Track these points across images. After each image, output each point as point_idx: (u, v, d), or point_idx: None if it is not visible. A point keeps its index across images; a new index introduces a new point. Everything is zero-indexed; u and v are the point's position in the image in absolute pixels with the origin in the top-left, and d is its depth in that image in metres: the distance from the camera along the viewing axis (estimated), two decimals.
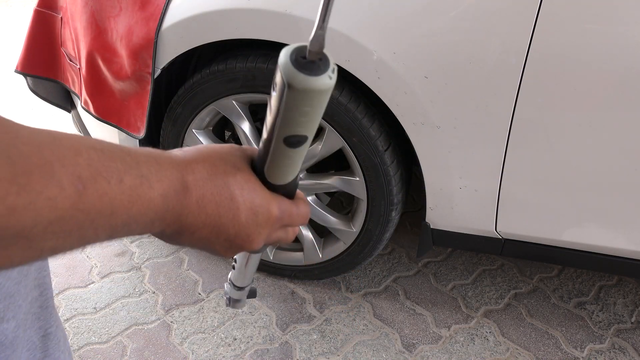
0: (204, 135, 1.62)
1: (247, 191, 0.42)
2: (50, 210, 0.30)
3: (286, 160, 0.42)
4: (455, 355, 1.55)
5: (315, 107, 0.36)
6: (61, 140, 0.32)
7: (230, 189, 0.41)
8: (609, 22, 1.10)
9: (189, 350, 1.56)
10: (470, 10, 1.17)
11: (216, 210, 0.40)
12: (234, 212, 0.41)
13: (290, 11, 1.27)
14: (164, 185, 0.37)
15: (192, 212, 0.39)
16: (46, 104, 1.90)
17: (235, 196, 0.41)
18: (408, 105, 1.29)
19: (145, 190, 0.35)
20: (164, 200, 0.37)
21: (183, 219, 0.39)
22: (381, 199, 1.48)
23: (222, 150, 0.43)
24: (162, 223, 0.38)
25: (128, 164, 0.35)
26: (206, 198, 0.39)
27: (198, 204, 0.39)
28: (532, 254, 1.47)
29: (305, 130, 0.39)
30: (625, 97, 1.15)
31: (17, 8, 4.84)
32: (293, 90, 0.35)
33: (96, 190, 0.32)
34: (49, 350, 0.55)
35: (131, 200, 0.34)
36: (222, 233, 0.41)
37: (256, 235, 0.43)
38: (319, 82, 0.34)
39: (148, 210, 0.36)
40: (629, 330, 1.64)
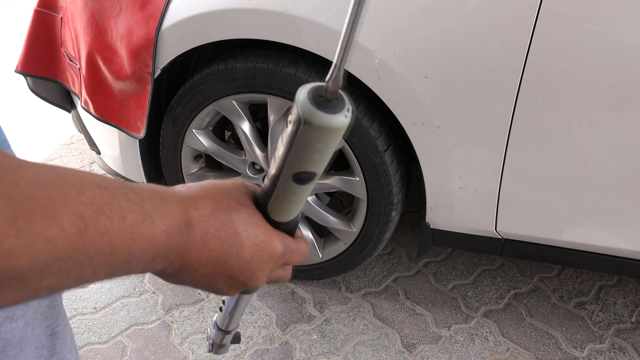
0: (204, 135, 1.62)
1: (251, 227, 0.41)
2: (48, 251, 0.29)
3: (292, 197, 0.42)
4: (455, 355, 1.55)
5: (328, 144, 0.37)
6: (66, 178, 0.32)
7: (234, 225, 0.40)
8: (609, 22, 1.10)
9: (189, 350, 1.56)
10: (470, 11, 1.17)
11: (220, 246, 0.40)
12: (238, 248, 0.41)
13: (290, 11, 1.27)
14: (168, 222, 0.36)
15: (195, 248, 0.38)
16: (46, 104, 1.90)
17: (239, 232, 0.41)
18: (408, 105, 1.29)
19: (147, 227, 0.35)
20: (167, 237, 0.36)
21: (186, 256, 0.38)
22: (381, 199, 1.48)
23: (225, 186, 0.43)
24: (165, 260, 0.37)
25: (131, 201, 0.34)
26: (210, 234, 0.39)
27: (202, 240, 0.38)
28: (532, 254, 1.47)
29: (316, 168, 0.39)
30: (625, 97, 1.15)
31: (17, 8, 4.84)
32: (309, 127, 0.35)
33: (97, 229, 0.32)
34: (56, 349, 0.55)
35: (133, 238, 0.34)
36: (225, 270, 0.41)
37: (260, 271, 0.43)
38: (335, 121, 0.35)
39: (150, 247, 0.35)
40: (629, 330, 1.64)
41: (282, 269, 0.47)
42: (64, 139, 2.71)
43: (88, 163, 2.49)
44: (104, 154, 1.84)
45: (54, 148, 2.63)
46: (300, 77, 1.37)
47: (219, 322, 0.62)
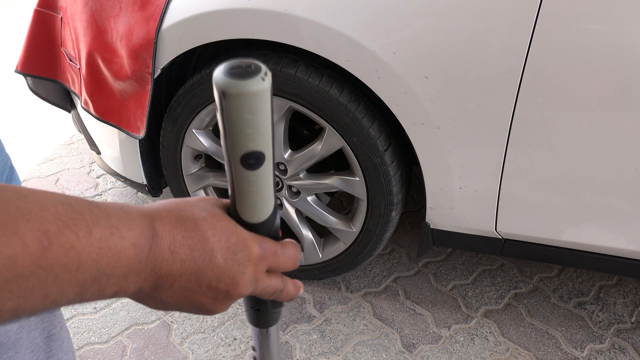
0: (204, 135, 1.62)
1: (220, 230, 0.40)
2: (8, 269, 0.29)
3: (251, 188, 0.40)
4: (455, 355, 1.55)
5: (256, 114, 0.36)
6: (27, 196, 0.31)
7: (202, 231, 0.39)
8: (609, 22, 1.10)
9: (189, 350, 1.56)
10: (470, 10, 1.17)
11: (190, 254, 0.38)
12: (210, 254, 0.39)
13: (290, 11, 1.27)
14: (135, 234, 0.35)
15: (165, 260, 0.37)
16: (46, 104, 1.90)
17: (207, 237, 0.39)
18: (408, 105, 1.29)
19: (115, 241, 0.34)
20: (136, 251, 0.35)
21: (157, 269, 0.37)
22: (381, 199, 1.48)
23: (191, 199, 0.42)
24: (138, 278, 0.36)
25: (97, 216, 0.34)
26: (177, 242, 0.38)
27: (170, 250, 0.37)
28: (532, 254, 1.47)
29: (257, 145, 0.38)
30: (625, 97, 1.15)
31: (17, 8, 4.84)
32: (229, 99, 0.35)
33: (62, 245, 0.31)
34: (52, 351, 0.55)
35: (100, 253, 0.33)
36: (202, 280, 0.39)
37: (240, 276, 0.40)
38: (251, 85, 0.35)
39: (119, 262, 0.34)
40: (629, 330, 1.64)
41: (271, 277, 0.44)
42: (64, 139, 2.71)
43: (88, 163, 2.49)
44: (104, 154, 1.84)
45: (54, 148, 2.63)
46: (300, 77, 1.37)
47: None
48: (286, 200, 1.64)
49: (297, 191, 1.63)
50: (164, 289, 0.38)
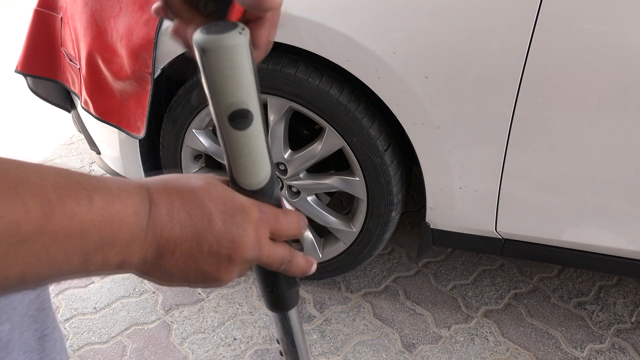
0: (204, 135, 1.62)
1: (217, 196, 0.40)
2: (11, 234, 0.29)
3: (243, 149, 0.40)
4: (455, 355, 1.55)
5: (236, 68, 0.37)
6: (25, 167, 0.31)
7: (198, 197, 0.39)
8: (609, 22, 1.10)
9: (189, 350, 1.56)
10: (470, 10, 1.17)
11: (189, 219, 0.38)
12: (208, 217, 0.39)
13: (290, 11, 1.27)
14: (135, 202, 0.36)
15: (165, 226, 0.37)
16: (46, 104, 1.90)
17: (205, 203, 0.39)
18: (408, 105, 1.29)
19: (117, 208, 0.35)
20: (137, 218, 0.36)
21: (158, 236, 0.37)
22: (381, 199, 1.48)
23: (186, 174, 0.42)
24: (141, 247, 0.37)
25: (96, 185, 0.34)
26: (175, 209, 0.38)
27: (169, 217, 0.38)
28: (532, 254, 1.47)
29: (242, 102, 0.38)
30: (625, 97, 1.15)
31: (17, 8, 4.84)
32: (208, 54, 0.36)
33: (64, 212, 0.31)
34: (45, 352, 0.55)
35: (103, 220, 0.34)
36: (203, 244, 0.39)
37: (241, 238, 0.40)
38: (228, 38, 0.36)
39: (122, 229, 0.35)
40: (629, 330, 1.64)
41: (276, 244, 0.44)
42: (64, 139, 2.71)
43: (88, 163, 2.49)
44: (104, 154, 1.84)
45: (54, 148, 2.63)
46: (300, 77, 1.37)
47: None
48: (286, 200, 1.64)
49: (297, 191, 1.63)
50: (166, 257, 0.38)
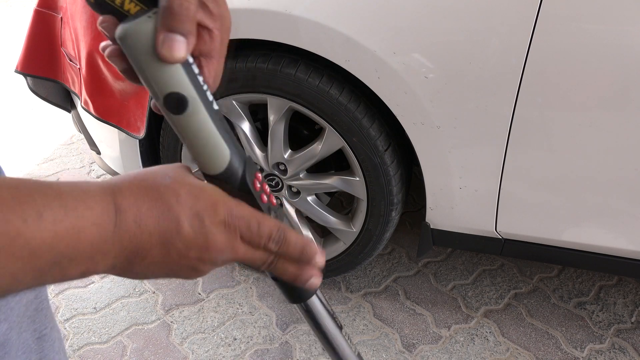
0: None
1: (185, 196, 0.38)
2: None
3: (187, 133, 0.40)
4: (455, 355, 1.55)
5: (151, 53, 0.37)
6: None
7: (165, 199, 0.37)
8: (609, 22, 1.10)
9: (189, 350, 1.56)
10: (470, 10, 1.17)
11: (157, 225, 0.36)
12: (176, 222, 0.37)
13: (290, 11, 1.27)
14: (96, 213, 0.33)
15: (133, 234, 0.35)
16: (46, 104, 1.90)
17: (172, 205, 0.37)
18: (408, 105, 1.29)
19: (72, 222, 0.32)
20: (99, 230, 0.33)
21: (126, 244, 0.35)
22: (381, 199, 1.48)
23: (154, 168, 0.40)
24: (106, 257, 0.34)
25: (48, 197, 0.32)
26: (143, 215, 0.36)
27: (136, 224, 0.35)
28: (532, 254, 1.47)
29: (170, 86, 0.38)
30: (625, 97, 1.15)
31: (17, 8, 4.83)
32: (125, 42, 0.37)
33: (7, 233, 0.29)
34: (44, 352, 0.55)
35: (56, 236, 0.31)
36: (172, 250, 0.37)
37: (210, 243, 0.38)
38: (137, 24, 0.37)
39: (80, 243, 0.33)
40: (629, 330, 1.64)
41: (255, 249, 0.41)
42: (64, 139, 2.71)
43: (88, 163, 2.49)
44: (104, 154, 1.84)
45: (54, 148, 2.63)
46: (300, 77, 1.37)
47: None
48: (286, 200, 1.64)
49: (297, 191, 1.63)
50: (136, 263, 0.37)
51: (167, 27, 0.36)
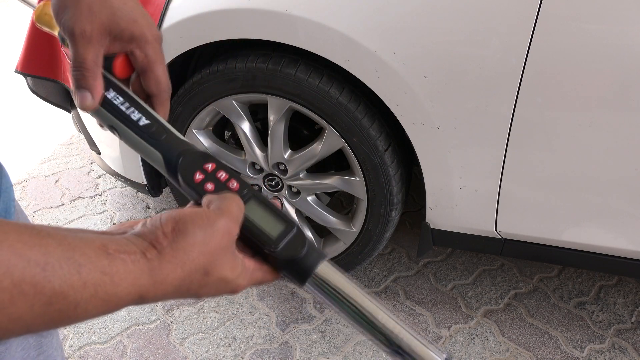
0: (204, 135, 1.62)
1: (214, 283, 0.41)
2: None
3: (130, 146, 0.52)
4: (455, 355, 1.56)
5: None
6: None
7: (194, 290, 0.40)
8: (609, 22, 1.10)
9: (189, 350, 1.56)
10: (470, 10, 1.17)
11: (176, 294, 0.39)
12: (196, 295, 0.41)
13: (290, 11, 1.27)
14: (107, 308, 0.35)
15: (150, 299, 0.38)
16: (46, 104, 1.90)
17: (200, 293, 0.40)
18: (408, 105, 1.29)
19: (79, 313, 0.33)
20: (100, 315, 0.36)
21: (139, 301, 0.38)
22: (381, 199, 1.48)
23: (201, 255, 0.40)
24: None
25: (69, 285, 0.32)
26: (168, 294, 0.38)
27: (156, 298, 0.38)
28: (532, 254, 1.47)
29: (104, 121, 0.52)
30: (625, 97, 1.15)
31: (17, 8, 4.83)
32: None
33: (9, 315, 0.30)
34: (42, 348, 0.55)
35: (55, 320, 0.32)
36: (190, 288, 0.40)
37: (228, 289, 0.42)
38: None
39: (76, 322, 0.35)
40: (629, 330, 1.64)
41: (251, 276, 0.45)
42: (64, 139, 2.71)
43: (88, 163, 2.49)
44: (104, 154, 1.84)
45: (54, 148, 2.63)
46: (300, 77, 1.37)
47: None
48: (286, 200, 1.64)
49: (297, 191, 1.63)
50: (149, 299, 0.38)
51: (76, 85, 0.48)
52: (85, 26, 0.47)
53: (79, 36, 0.47)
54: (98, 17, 0.48)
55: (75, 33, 0.47)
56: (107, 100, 0.51)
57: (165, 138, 0.50)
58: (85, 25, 0.47)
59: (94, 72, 0.48)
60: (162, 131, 0.51)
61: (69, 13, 0.47)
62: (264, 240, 0.45)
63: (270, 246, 0.45)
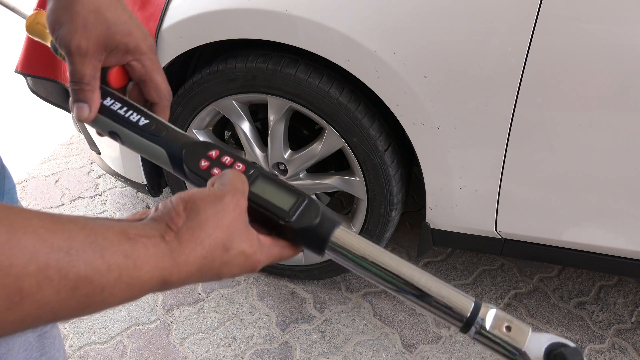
0: (204, 135, 1.62)
1: (237, 265, 0.41)
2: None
3: (134, 149, 0.53)
4: (455, 355, 1.55)
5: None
6: (19, 239, 0.30)
7: (215, 269, 0.40)
8: (609, 22, 1.10)
9: (189, 350, 1.56)
10: (470, 10, 1.17)
11: (199, 277, 0.40)
12: (218, 276, 0.41)
13: (290, 11, 1.27)
14: (133, 293, 0.35)
15: (173, 282, 0.38)
16: (46, 104, 1.90)
17: (221, 273, 0.41)
18: (408, 105, 1.29)
19: (105, 298, 0.34)
20: (129, 300, 0.36)
21: (164, 286, 0.38)
22: (381, 199, 1.48)
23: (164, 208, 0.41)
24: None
25: (94, 269, 0.32)
26: (191, 277, 0.39)
27: (179, 279, 0.38)
28: (532, 254, 1.47)
29: (104, 128, 0.54)
30: (625, 97, 1.15)
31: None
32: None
33: (37, 301, 0.30)
34: (45, 349, 0.55)
35: (81, 306, 0.33)
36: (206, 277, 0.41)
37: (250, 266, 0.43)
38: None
39: (106, 308, 0.35)
40: (629, 330, 1.64)
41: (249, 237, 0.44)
42: (64, 139, 2.71)
43: (88, 163, 2.49)
44: (104, 154, 1.84)
45: (54, 148, 2.63)
46: (300, 77, 1.37)
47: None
48: None
49: None
50: (172, 285, 0.39)
51: (74, 98, 0.51)
52: (81, 41, 0.48)
53: (76, 51, 0.48)
54: (93, 32, 0.48)
55: (72, 48, 0.48)
56: (104, 107, 0.52)
57: (166, 134, 0.51)
58: (81, 41, 0.48)
59: (92, 86, 0.50)
60: (162, 128, 0.52)
61: (65, 29, 0.48)
62: (277, 213, 0.46)
63: (285, 218, 0.46)
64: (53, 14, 0.49)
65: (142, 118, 0.52)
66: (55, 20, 0.49)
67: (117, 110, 0.52)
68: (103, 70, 0.53)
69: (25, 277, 0.29)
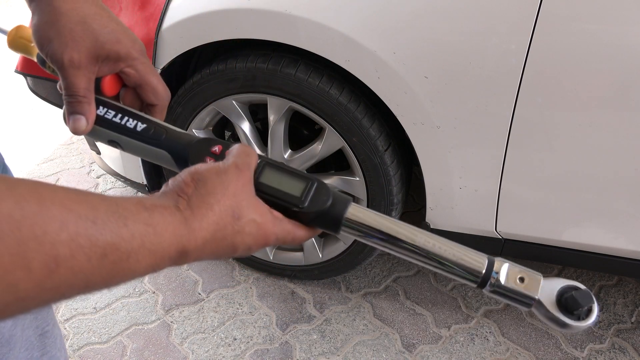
0: (204, 135, 1.62)
1: (250, 239, 0.43)
2: (8, 293, 0.29)
3: (137, 154, 0.54)
4: (455, 355, 1.56)
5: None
6: (49, 208, 0.31)
7: (228, 242, 0.42)
8: (609, 22, 1.10)
9: (189, 350, 1.56)
10: (470, 10, 1.17)
11: (214, 254, 0.42)
12: (232, 252, 0.43)
13: (290, 11, 1.27)
14: (156, 258, 0.37)
15: (190, 256, 0.40)
16: (46, 104, 1.90)
17: (236, 247, 0.42)
18: (408, 105, 1.29)
19: (131, 265, 0.35)
20: (154, 269, 0.38)
21: (181, 260, 0.39)
22: (381, 199, 1.48)
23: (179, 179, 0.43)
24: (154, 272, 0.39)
25: (120, 238, 0.34)
26: (205, 252, 0.41)
27: (197, 250, 0.40)
28: (532, 254, 1.47)
29: (103, 137, 0.54)
30: (625, 97, 1.15)
31: (17, 8, 4.83)
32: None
33: (71, 268, 0.31)
34: (46, 348, 0.55)
35: (111, 274, 0.34)
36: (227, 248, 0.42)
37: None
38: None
39: (132, 278, 0.37)
40: (629, 330, 1.64)
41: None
42: (64, 139, 2.71)
43: (88, 163, 2.49)
44: (104, 154, 1.84)
45: (54, 148, 2.63)
46: (300, 77, 1.37)
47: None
48: None
49: None
50: (190, 259, 0.41)
51: (69, 111, 0.51)
52: (72, 55, 0.49)
53: (68, 65, 0.49)
54: (82, 44, 0.49)
55: (65, 63, 0.49)
56: (99, 117, 0.52)
57: (166, 136, 0.52)
58: (72, 54, 0.49)
59: (88, 98, 0.51)
60: (161, 131, 0.52)
61: (55, 44, 0.48)
62: (290, 200, 0.47)
63: (298, 204, 0.47)
64: (39, 30, 0.49)
65: (139, 123, 0.52)
66: (42, 36, 0.49)
67: (112, 118, 0.52)
68: (96, 80, 0.53)
69: (59, 245, 0.30)
